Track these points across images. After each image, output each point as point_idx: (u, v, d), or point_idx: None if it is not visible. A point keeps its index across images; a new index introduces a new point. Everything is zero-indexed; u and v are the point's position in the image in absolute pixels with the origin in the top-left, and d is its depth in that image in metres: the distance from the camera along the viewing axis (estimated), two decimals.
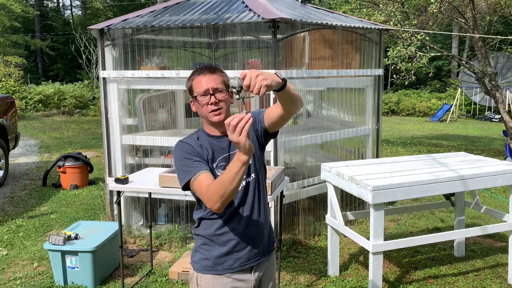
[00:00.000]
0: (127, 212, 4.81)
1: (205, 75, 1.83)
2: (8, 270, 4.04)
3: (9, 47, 22.52)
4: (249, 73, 1.53)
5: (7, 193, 6.62)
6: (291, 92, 1.71)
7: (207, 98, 1.82)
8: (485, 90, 8.58)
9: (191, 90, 1.87)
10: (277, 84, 1.61)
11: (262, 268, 2.00)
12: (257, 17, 4.03)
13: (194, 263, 1.95)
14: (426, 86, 22.97)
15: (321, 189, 4.70)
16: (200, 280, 1.91)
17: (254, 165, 1.93)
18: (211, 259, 1.89)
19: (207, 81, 1.82)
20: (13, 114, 7.65)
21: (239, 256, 1.89)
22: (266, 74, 1.55)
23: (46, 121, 15.27)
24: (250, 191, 1.91)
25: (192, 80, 1.86)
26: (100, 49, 4.68)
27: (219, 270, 1.89)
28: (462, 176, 3.44)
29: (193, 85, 1.85)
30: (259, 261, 1.96)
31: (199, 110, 1.87)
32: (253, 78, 1.53)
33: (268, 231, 2.01)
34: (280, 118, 1.85)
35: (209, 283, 1.89)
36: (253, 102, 5.34)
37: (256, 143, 1.95)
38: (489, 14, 9.09)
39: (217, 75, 1.85)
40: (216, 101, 1.81)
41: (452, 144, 11.13)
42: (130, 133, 4.93)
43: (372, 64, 5.23)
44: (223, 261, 1.89)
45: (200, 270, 1.92)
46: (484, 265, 4.10)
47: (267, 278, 2.05)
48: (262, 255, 1.97)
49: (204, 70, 1.85)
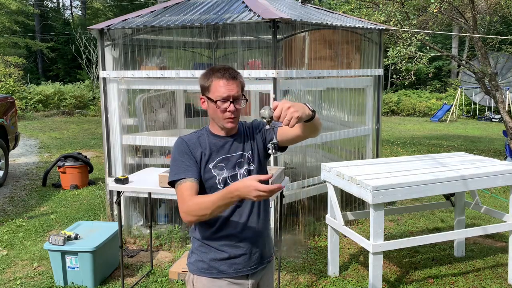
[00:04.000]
0: (127, 212, 4.81)
1: (228, 80, 1.80)
2: (8, 270, 4.04)
3: (9, 47, 22.52)
4: (280, 104, 1.57)
5: (7, 193, 6.62)
6: (317, 122, 1.75)
7: (226, 105, 1.81)
8: (485, 90, 8.58)
9: (208, 89, 1.83)
10: (307, 116, 1.65)
11: (259, 276, 1.97)
12: (257, 17, 4.03)
13: (190, 265, 1.94)
14: (426, 86, 22.96)
15: (321, 189, 4.70)
16: (196, 282, 1.90)
17: (257, 174, 1.92)
18: (206, 261, 1.88)
19: (229, 88, 1.80)
20: (13, 114, 7.65)
21: (234, 262, 1.87)
22: (297, 106, 1.59)
23: (46, 121, 15.26)
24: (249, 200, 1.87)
25: (211, 81, 1.82)
26: (100, 49, 4.68)
27: (214, 274, 1.87)
28: (462, 176, 3.44)
29: (211, 86, 1.82)
30: (255, 270, 1.93)
31: (212, 111, 1.86)
32: (284, 110, 1.57)
33: (266, 241, 1.97)
34: (295, 138, 1.86)
35: (204, 286, 1.88)
36: (253, 102, 5.34)
37: (262, 151, 1.95)
38: (489, 14, 9.09)
39: (238, 81, 1.83)
40: (234, 110, 1.81)
41: (452, 144, 11.13)
42: (130, 133, 4.93)
43: (372, 64, 5.23)
44: (218, 265, 1.87)
45: (195, 272, 1.91)
46: (484, 265, 4.10)
47: (264, 284, 2.03)
48: (258, 265, 1.94)
49: (226, 74, 1.81)
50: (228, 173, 1.87)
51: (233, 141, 1.91)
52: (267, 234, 1.98)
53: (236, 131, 1.94)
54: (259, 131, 1.97)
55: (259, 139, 1.95)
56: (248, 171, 1.91)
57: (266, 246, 1.98)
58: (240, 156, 1.91)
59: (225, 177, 1.86)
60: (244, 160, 1.91)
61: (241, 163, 1.90)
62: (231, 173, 1.88)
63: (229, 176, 1.87)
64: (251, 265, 1.91)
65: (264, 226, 1.95)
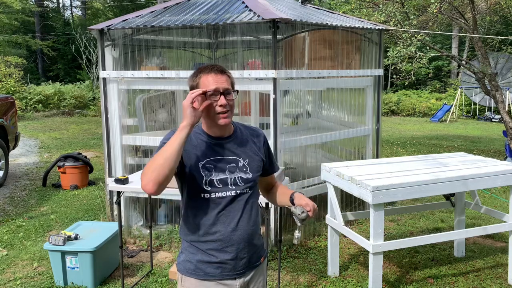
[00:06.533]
0: (127, 212, 4.81)
1: (216, 74, 1.79)
2: (8, 270, 4.04)
3: (9, 47, 22.52)
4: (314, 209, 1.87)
5: (7, 193, 6.62)
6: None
7: (216, 98, 1.77)
8: (485, 90, 8.58)
9: (197, 87, 1.79)
10: None
11: (248, 276, 1.93)
12: (257, 18, 4.03)
13: (178, 264, 1.93)
14: (426, 87, 22.96)
15: (321, 189, 4.70)
16: (184, 281, 1.89)
17: (254, 182, 1.91)
18: (193, 262, 1.86)
19: (217, 81, 1.77)
20: (13, 114, 7.65)
21: (221, 266, 1.85)
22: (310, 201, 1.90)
23: (46, 122, 15.26)
24: (239, 202, 1.85)
25: (199, 78, 1.80)
26: (100, 50, 4.68)
27: (200, 275, 1.85)
28: (462, 177, 3.44)
29: (200, 83, 1.79)
30: (243, 274, 1.90)
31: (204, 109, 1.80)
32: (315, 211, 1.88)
33: (255, 246, 1.93)
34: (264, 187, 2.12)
35: (192, 285, 1.87)
36: (253, 104, 5.34)
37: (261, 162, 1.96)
38: (489, 14, 9.09)
39: (226, 76, 1.81)
40: (225, 103, 1.77)
41: (452, 144, 11.13)
42: (130, 133, 4.93)
43: (372, 64, 5.23)
44: (205, 267, 1.85)
45: (182, 272, 1.89)
46: (484, 265, 4.10)
47: (254, 281, 1.98)
48: (246, 269, 1.91)
49: (213, 69, 1.80)
50: (217, 175, 1.82)
51: (227, 143, 1.87)
52: (257, 239, 1.94)
53: (231, 133, 1.90)
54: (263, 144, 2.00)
55: (262, 151, 1.97)
56: (245, 180, 1.87)
57: (255, 252, 1.94)
58: (233, 160, 1.86)
59: (212, 179, 1.81)
60: (237, 166, 1.86)
61: (233, 168, 1.85)
62: (220, 176, 1.83)
63: (218, 179, 1.82)
64: (238, 270, 1.88)
65: (254, 231, 1.91)
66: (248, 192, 1.89)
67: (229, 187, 1.84)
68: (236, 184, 1.85)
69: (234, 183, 1.85)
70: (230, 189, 1.84)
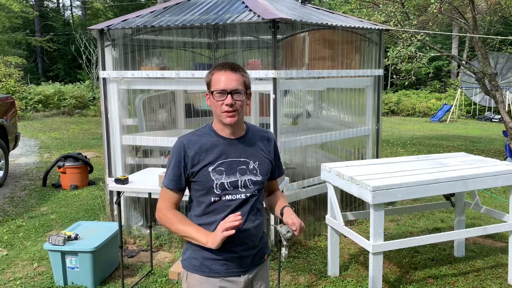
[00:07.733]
0: (127, 212, 4.81)
1: (226, 72, 1.78)
2: (8, 270, 4.04)
3: (9, 46, 22.51)
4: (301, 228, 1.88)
5: (7, 193, 6.62)
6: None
7: (223, 97, 1.77)
8: (485, 90, 8.58)
9: (209, 84, 1.81)
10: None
11: (252, 272, 1.95)
12: (257, 18, 4.03)
13: (183, 261, 1.94)
14: (426, 87, 22.96)
15: (321, 189, 4.70)
16: (189, 278, 1.91)
17: (262, 185, 1.93)
18: (199, 259, 1.88)
19: (227, 80, 1.77)
20: (13, 114, 7.65)
21: (227, 263, 1.87)
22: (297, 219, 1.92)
23: (46, 122, 15.26)
24: (248, 204, 1.87)
25: (212, 75, 1.81)
26: (100, 50, 4.68)
27: (205, 272, 1.87)
28: (462, 177, 3.44)
29: (212, 79, 1.80)
30: (248, 271, 1.92)
31: (213, 106, 1.82)
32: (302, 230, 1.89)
33: (260, 245, 1.96)
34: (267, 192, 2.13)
35: (197, 281, 1.88)
36: (253, 104, 5.33)
37: (270, 165, 1.99)
38: (489, 14, 9.09)
39: (239, 75, 1.79)
40: (232, 103, 1.76)
41: (452, 144, 11.13)
42: (130, 133, 4.93)
43: (372, 64, 5.23)
44: (210, 264, 1.86)
45: (188, 269, 1.91)
46: (484, 265, 4.10)
47: (259, 279, 2.00)
48: (251, 266, 1.93)
49: (226, 67, 1.79)
50: (227, 178, 1.83)
51: (238, 144, 1.87)
52: (261, 238, 1.97)
53: (243, 134, 1.90)
54: (273, 147, 2.02)
55: (272, 155, 2.00)
56: (254, 182, 1.88)
57: (259, 250, 1.96)
58: (244, 162, 1.86)
59: (223, 182, 1.82)
60: (248, 169, 1.86)
61: (243, 171, 1.85)
62: (231, 179, 1.83)
63: (228, 182, 1.83)
64: (243, 266, 1.90)
65: (260, 230, 1.94)
66: (257, 194, 1.90)
67: (239, 189, 1.85)
68: (246, 186, 1.86)
69: (244, 185, 1.86)
70: (241, 192, 1.85)
